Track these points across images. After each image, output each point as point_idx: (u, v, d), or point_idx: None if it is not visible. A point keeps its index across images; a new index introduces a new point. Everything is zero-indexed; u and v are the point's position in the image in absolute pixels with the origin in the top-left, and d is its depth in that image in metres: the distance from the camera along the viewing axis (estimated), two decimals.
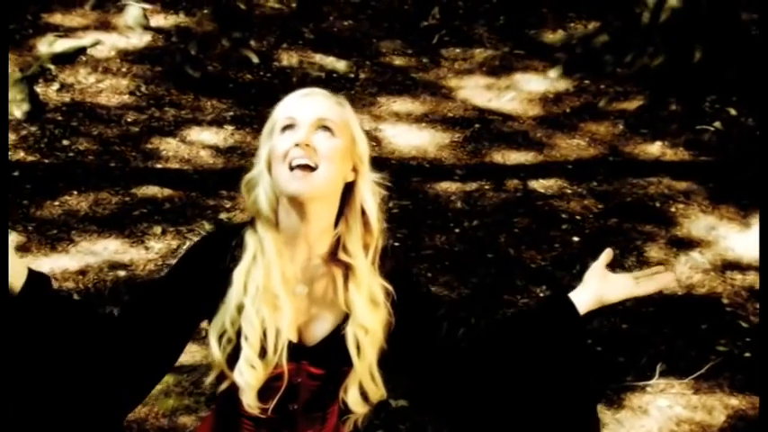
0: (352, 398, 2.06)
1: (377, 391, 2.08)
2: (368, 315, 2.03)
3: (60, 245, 4.99)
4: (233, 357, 2.01)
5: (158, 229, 5.15)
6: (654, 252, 5.49)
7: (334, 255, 2.05)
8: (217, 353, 2.01)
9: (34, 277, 1.97)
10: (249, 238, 2.03)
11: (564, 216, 5.73)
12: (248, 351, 1.99)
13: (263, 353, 1.99)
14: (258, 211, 2.03)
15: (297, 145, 1.95)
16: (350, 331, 2.03)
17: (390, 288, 2.06)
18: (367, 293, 2.04)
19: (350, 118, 2.04)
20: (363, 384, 2.05)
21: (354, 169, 2.02)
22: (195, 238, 5.09)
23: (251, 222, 2.06)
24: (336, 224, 2.04)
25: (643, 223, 5.78)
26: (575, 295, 2.18)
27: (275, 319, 1.99)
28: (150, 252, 4.98)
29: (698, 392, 4.38)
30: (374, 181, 2.07)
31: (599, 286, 2.17)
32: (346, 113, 2.04)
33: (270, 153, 2.01)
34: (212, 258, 2.04)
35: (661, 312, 4.92)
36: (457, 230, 5.44)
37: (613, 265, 5.31)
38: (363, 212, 2.03)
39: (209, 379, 2.06)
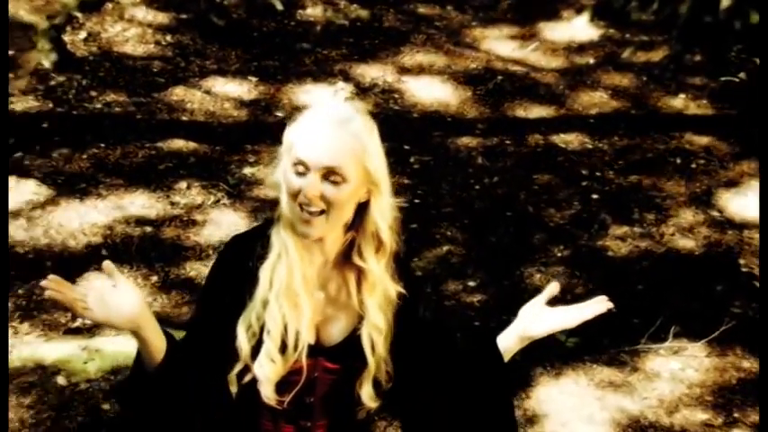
0: (366, 393, 2.13)
1: (389, 383, 2.15)
2: (381, 316, 2.09)
3: (89, 198, 5.06)
4: (255, 351, 2.08)
5: (183, 184, 5.21)
6: (673, 210, 5.49)
7: (348, 256, 2.10)
8: (245, 346, 2.08)
9: (169, 346, 2.08)
10: (275, 237, 2.09)
11: (584, 172, 5.73)
12: (270, 345, 2.06)
13: (283, 348, 2.06)
14: (281, 214, 2.08)
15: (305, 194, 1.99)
16: (364, 332, 2.09)
17: (403, 291, 2.11)
18: (380, 295, 2.09)
19: (365, 148, 2.00)
20: (378, 377, 2.12)
21: (368, 191, 2.05)
22: (219, 194, 5.17)
23: (276, 220, 2.11)
24: (350, 227, 2.08)
25: (663, 180, 5.78)
26: (503, 337, 2.21)
27: (296, 317, 2.06)
28: (176, 207, 5.04)
29: (710, 355, 4.42)
30: (389, 204, 2.08)
31: (525, 326, 2.19)
32: (360, 145, 2.00)
33: (284, 180, 2.04)
34: (240, 259, 2.11)
35: (677, 273, 4.94)
36: (477, 187, 5.46)
37: (632, 225, 5.35)
38: (376, 230, 2.07)
39: (234, 371, 2.12)
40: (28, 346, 4.08)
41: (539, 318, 2.18)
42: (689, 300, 4.74)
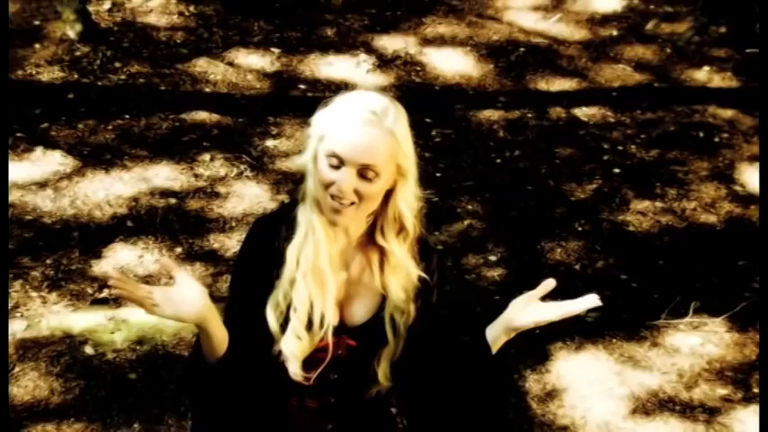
0: (383, 372, 2.17)
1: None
2: (403, 297, 2.13)
3: (114, 170, 5.11)
4: (282, 329, 2.12)
5: (207, 156, 5.25)
6: (695, 184, 5.48)
7: (371, 237, 2.13)
8: (273, 324, 2.12)
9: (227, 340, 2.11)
10: (301, 217, 2.12)
11: (606, 146, 5.72)
12: (296, 323, 2.10)
13: (309, 326, 2.10)
14: (307, 195, 2.10)
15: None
16: (387, 312, 2.13)
17: (424, 275, 2.14)
18: (402, 277, 2.13)
19: (399, 143, 2.02)
20: (394, 357, 2.16)
21: (396, 179, 2.07)
22: (242, 166, 5.20)
23: (301, 200, 2.14)
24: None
25: (686, 154, 5.77)
26: (491, 328, 2.22)
27: (322, 295, 2.09)
28: (199, 179, 5.08)
29: (730, 330, 4.43)
30: (415, 193, 2.10)
31: (511, 317, 2.20)
32: (395, 142, 2.01)
33: (316, 170, 2.05)
34: (267, 240, 2.14)
35: (699, 248, 4.94)
36: (498, 161, 5.47)
37: (654, 200, 5.34)
38: (399, 216, 2.10)
39: (274, 350, 2.15)
40: (56, 316, 4.15)
41: (526, 310, 2.18)
42: (710, 275, 4.75)
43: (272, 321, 2.12)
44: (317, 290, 2.09)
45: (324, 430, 2.24)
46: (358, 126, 1.99)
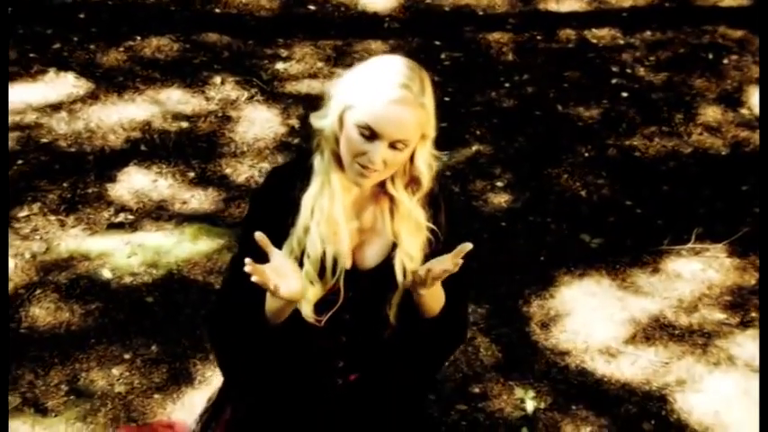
0: (393, 314, 2.25)
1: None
2: (413, 244, 2.19)
3: (126, 93, 5.15)
4: None
5: (218, 79, 5.28)
6: (702, 108, 5.50)
7: (383, 186, 2.19)
8: None
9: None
10: (317, 168, 2.17)
11: (614, 69, 5.73)
12: (309, 269, 2.17)
13: (322, 271, 2.19)
14: (325, 144, 2.17)
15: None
16: (397, 259, 2.19)
17: (434, 227, 2.21)
18: (412, 225, 2.19)
19: (429, 114, 2.06)
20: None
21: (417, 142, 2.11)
22: (253, 90, 5.24)
23: (316, 150, 2.20)
24: None
25: (694, 77, 5.77)
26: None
27: (335, 244, 2.16)
28: (211, 103, 5.12)
29: (731, 256, 4.51)
30: (432, 153, 2.14)
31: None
32: (425, 114, 2.05)
33: (344, 138, 2.08)
34: (282, 190, 2.20)
35: (704, 173, 4.99)
36: (507, 85, 5.48)
37: (660, 125, 5.35)
38: (415, 172, 2.16)
39: None
40: (74, 240, 4.25)
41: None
42: (713, 200, 4.81)
43: None
44: (330, 238, 2.15)
45: (336, 367, 2.34)
46: (394, 104, 2.02)
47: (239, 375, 2.36)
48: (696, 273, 4.40)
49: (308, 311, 2.21)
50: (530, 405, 3.67)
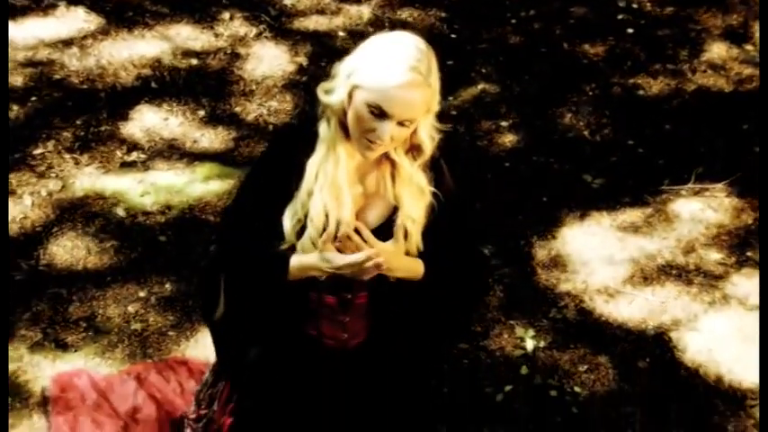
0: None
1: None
2: (414, 207, 2.28)
3: (136, 29, 5.16)
4: (299, 235, 2.29)
5: (227, 15, 5.28)
6: (707, 44, 5.50)
7: (385, 153, 2.26)
8: (290, 230, 2.28)
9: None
10: (323, 135, 2.24)
11: (621, 5, 5.69)
12: (312, 231, 2.25)
13: (324, 233, 2.26)
14: (331, 113, 2.23)
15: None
16: (399, 222, 2.28)
17: (437, 191, 2.29)
18: (414, 189, 2.27)
19: (434, 92, 2.13)
20: (410, 253, 2.34)
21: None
22: (261, 26, 5.24)
23: (321, 117, 2.26)
24: None
25: (700, 12, 5.75)
26: None
27: (337, 208, 2.24)
28: (220, 39, 5.13)
29: (730, 195, 4.57)
30: (434, 125, 2.22)
31: None
32: (432, 92, 2.13)
33: (355, 114, 2.15)
34: (289, 153, 2.27)
35: (706, 112, 5.01)
36: (513, 21, 5.47)
37: (665, 62, 5.34)
38: (417, 141, 2.24)
39: (281, 248, 2.33)
40: (89, 178, 4.32)
41: None
42: (714, 140, 4.85)
43: (289, 229, 2.27)
44: (332, 203, 2.23)
45: (343, 323, 2.44)
46: (404, 88, 2.09)
47: (239, 328, 2.46)
48: (695, 213, 4.47)
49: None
50: (529, 344, 3.79)
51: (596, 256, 4.19)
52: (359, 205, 2.31)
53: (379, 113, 2.11)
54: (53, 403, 3.40)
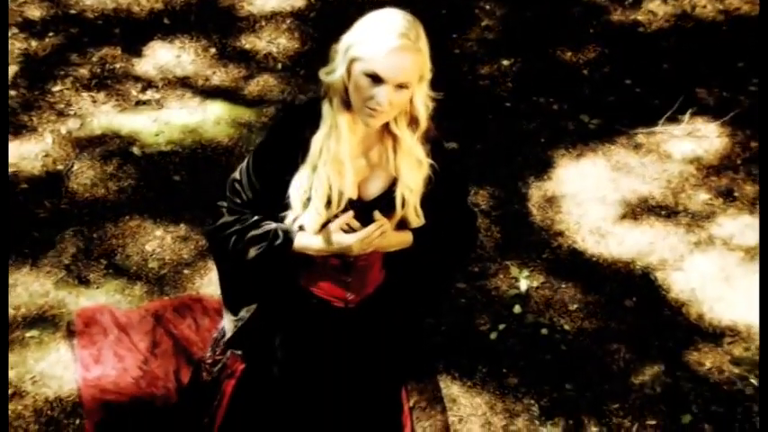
0: None
1: (419, 222, 2.52)
2: (412, 177, 2.43)
3: None
4: (305, 205, 2.43)
5: None
6: None
7: (387, 126, 2.39)
8: (296, 201, 2.42)
9: None
10: (326, 113, 2.37)
11: None
12: (317, 201, 2.41)
13: (327, 203, 2.42)
14: (333, 93, 2.34)
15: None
16: (398, 191, 2.44)
17: (433, 163, 2.44)
18: (413, 161, 2.41)
19: (425, 58, 2.27)
20: (408, 219, 2.49)
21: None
22: None
23: (325, 96, 2.37)
24: None
25: None
26: None
27: (340, 181, 2.39)
28: None
29: (721, 136, 4.64)
30: (429, 95, 2.34)
31: None
32: (423, 58, 2.26)
33: (354, 85, 2.28)
34: (295, 129, 2.40)
35: (703, 49, 5.03)
36: None
37: None
38: (413, 111, 2.37)
39: (288, 219, 2.47)
40: (106, 116, 4.41)
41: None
42: (710, 78, 4.88)
43: (296, 199, 2.42)
44: (335, 177, 2.38)
45: (345, 283, 2.59)
46: (395, 51, 2.23)
47: (245, 289, 2.63)
48: (686, 153, 4.55)
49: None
50: (523, 284, 3.94)
51: (590, 197, 4.30)
52: (363, 176, 2.45)
53: (376, 79, 2.25)
54: (78, 337, 3.58)
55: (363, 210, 2.46)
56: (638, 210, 4.29)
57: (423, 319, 2.87)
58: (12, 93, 4.47)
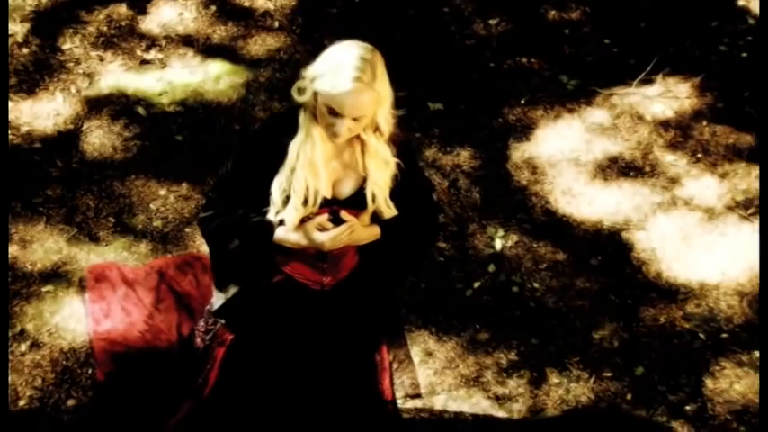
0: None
1: (390, 213, 2.70)
2: (380, 176, 2.62)
3: None
4: (285, 202, 2.62)
5: None
6: None
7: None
8: (277, 200, 2.61)
9: None
10: (303, 122, 2.58)
11: None
12: (295, 200, 2.60)
13: (305, 202, 2.60)
14: (306, 107, 2.54)
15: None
16: (368, 189, 2.64)
17: (399, 161, 2.64)
18: (380, 161, 2.61)
19: (380, 93, 2.45)
20: (380, 211, 2.68)
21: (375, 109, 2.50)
22: None
23: (303, 109, 2.56)
24: None
25: None
26: None
27: (315, 182, 2.58)
28: None
29: (690, 96, 4.67)
30: (390, 113, 2.55)
31: None
32: (377, 94, 2.45)
33: (318, 111, 2.48)
34: (276, 135, 2.61)
35: (680, 8, 5.00)
36: None
37: None
38: (377, 126, 2.57)
39: (270, 214, 2.62)
40: (113, 75, 4.45)
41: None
42: (683, 38, 4.88)
43: (277, 198, 2.61)
44: (311, 178, 2.58)
45: (321, 269, 2.76)
46: (349, 94, 2.42)
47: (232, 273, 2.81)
48: (657, 114, 4.59)
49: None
50: (498, 243, 4.06)
51: (564, 158, 4.36)
52: (336, 177, 2.65)
53: (334, 113, 2.45)
54: (89, 292, 3.73)
55: (335, 204, 2.65)
56: (609, 170, 4.37)
57: (393, 292, 3.04)
58: (24, 51, 4.51)
